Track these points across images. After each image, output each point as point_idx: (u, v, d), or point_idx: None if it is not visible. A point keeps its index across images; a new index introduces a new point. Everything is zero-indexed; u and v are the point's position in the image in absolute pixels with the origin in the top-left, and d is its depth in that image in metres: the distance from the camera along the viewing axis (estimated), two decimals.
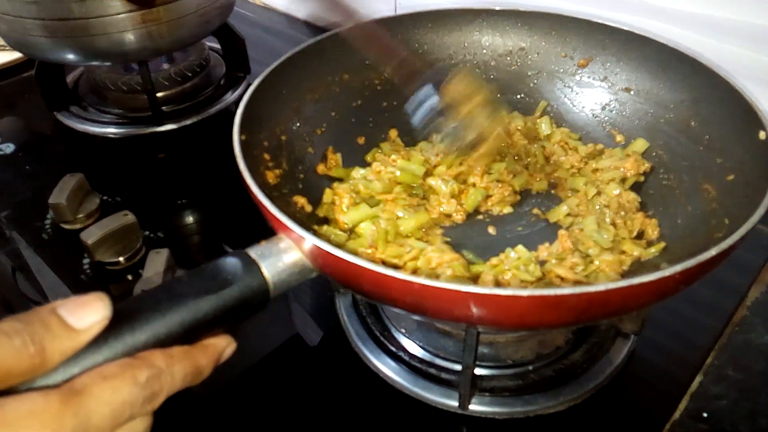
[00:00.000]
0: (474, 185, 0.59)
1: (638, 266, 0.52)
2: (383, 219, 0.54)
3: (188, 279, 0.37)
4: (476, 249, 0.55)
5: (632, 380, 0.54)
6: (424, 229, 0.56)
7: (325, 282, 0.62)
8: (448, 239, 0.56)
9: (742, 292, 0.60)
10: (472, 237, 0.57)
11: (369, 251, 0.52)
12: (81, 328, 0.29)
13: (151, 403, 0.31)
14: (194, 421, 0.52)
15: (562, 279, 0.50)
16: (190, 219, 0.75)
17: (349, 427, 0.52)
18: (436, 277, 0.50)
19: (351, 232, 0.56)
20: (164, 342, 0.33)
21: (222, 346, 0.36)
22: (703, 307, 0.59)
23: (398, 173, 0.59)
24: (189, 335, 0.34)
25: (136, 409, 0.30)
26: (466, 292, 0.35)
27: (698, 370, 0.53)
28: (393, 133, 0.67)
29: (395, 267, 0.51)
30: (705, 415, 0.50)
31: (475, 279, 0.51)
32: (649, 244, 0.54)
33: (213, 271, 0.37)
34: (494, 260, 0.53)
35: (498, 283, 0.50)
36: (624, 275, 0.51)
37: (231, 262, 0.38)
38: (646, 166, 0.59)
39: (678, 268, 0.36)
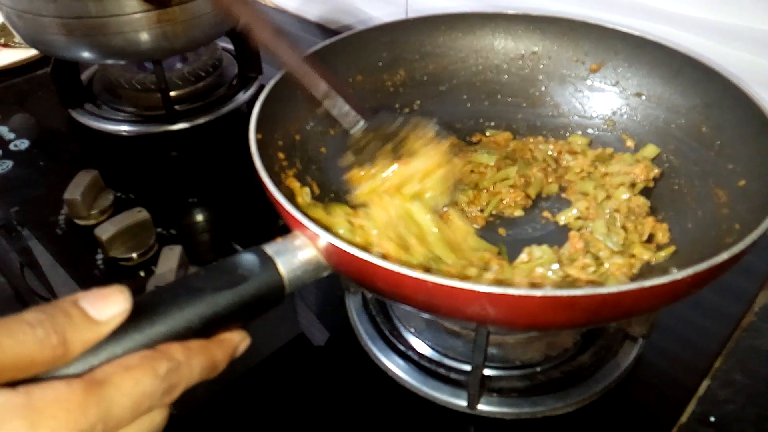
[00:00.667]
0: (487, 190, 0.60)
1: (648, 270, 0.52)
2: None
3: (206, 274, 0.37)
4: None
5: (640, 384, 0.54)
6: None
7: (334, 281, 0.63)
8: None
9: (750, 298, 0.60)
10: (483, 239, 0.57)
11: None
12: (102, 320, 0.30)
13: (169, 395, 0.31)
14: (200, 418, 0.53)
15: (574, 279, 0.51)
16: (201, 217, 0.75)
17: (358, 425, 0.52)
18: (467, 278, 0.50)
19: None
20: (182, 335, 0.33)
21: (237, 340, 0.37)
22: (711, 313, 0.59)
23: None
24: (206, 329, 0.35)
25: (156, 401, 0.30)
26: (480, 292, 0.35)
27: (706, 375, 0.53)
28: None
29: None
30: (712, 419, 0.50)
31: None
32: (659, 248, 0.54)
33: (230, 267, 0.38)
34: (523, 257, 0.53)
35: (532, 284, 0.50)
36: (633, 279, 0.51)
37: (248, 258, 0.39)
38: (655, 171, 0.60)
39: (690, 271, 0.36)
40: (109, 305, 0.30)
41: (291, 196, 0.53)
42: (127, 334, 0.31)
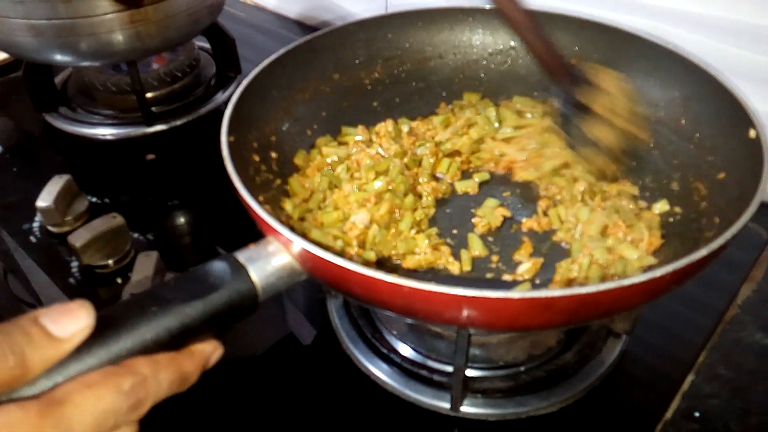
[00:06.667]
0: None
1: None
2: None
3: (175, 284, 0.36)
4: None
5: (624, 380, 0.54)
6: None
7: (315, 284, 0.62)
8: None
9: (734, 291, 0.60)
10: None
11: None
12: (63, 337, 0.29)
13: (136, 411, 0.30)
14: (184, 420, 0.52)
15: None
16: (180, 221, 0.74)
17: (341, 429, 0.51)
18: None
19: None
20: (150, 349, 0.32)
21: (208, 351, 0.36)
22: (694, 306, 0.58)
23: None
24: (176, 341, 0.34)
25: (121, 418, 0.29)
26: (457, 296, 0.34)
27: (690, 369, 0.53)
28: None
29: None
30: (697, 414, 0.50)
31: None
32: None
33: (200, 276, 0.37)
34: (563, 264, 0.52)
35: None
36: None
37: (219, 267, 0.38)
38: None
39: (669, 268, 0.35)
40: (71, 321, 0.29)
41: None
42: (92, 350, 0.30)
